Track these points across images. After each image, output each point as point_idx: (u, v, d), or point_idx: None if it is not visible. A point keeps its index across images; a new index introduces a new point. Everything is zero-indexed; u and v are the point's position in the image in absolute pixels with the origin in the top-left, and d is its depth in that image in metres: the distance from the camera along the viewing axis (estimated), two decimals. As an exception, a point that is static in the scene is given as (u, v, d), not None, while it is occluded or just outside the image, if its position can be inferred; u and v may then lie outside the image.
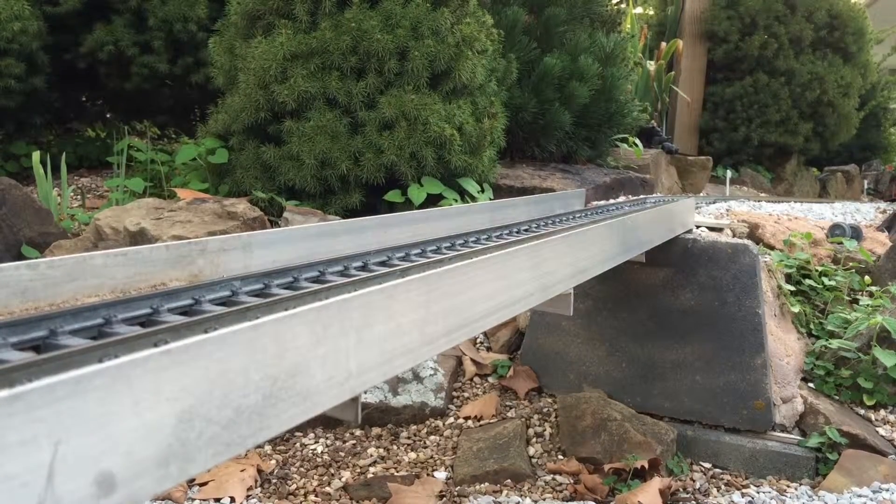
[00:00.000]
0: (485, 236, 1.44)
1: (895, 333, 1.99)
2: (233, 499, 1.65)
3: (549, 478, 1.80)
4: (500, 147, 3.13)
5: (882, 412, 2.05)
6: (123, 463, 0.47)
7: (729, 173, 5.92)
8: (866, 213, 4.01)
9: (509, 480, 1.77)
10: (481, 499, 1.68)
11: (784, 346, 2.08)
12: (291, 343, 0.62)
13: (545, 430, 1.97)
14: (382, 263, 1.12)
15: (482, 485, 1.76)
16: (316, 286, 0.93)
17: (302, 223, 2.30)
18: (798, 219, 3.09)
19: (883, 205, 4.90)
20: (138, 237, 2.12)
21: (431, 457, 1.87)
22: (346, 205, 2.66)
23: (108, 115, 4.50)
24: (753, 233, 2.66)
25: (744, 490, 1.79)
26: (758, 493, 1.77)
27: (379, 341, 0.74)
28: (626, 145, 4.55)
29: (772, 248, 2.57)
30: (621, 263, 1.55)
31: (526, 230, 1.59)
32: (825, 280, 2.41)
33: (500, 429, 1.91)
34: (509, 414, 2.05)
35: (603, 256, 1.42)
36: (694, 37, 6.98)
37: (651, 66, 6.44)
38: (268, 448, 1.89)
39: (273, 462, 1.82)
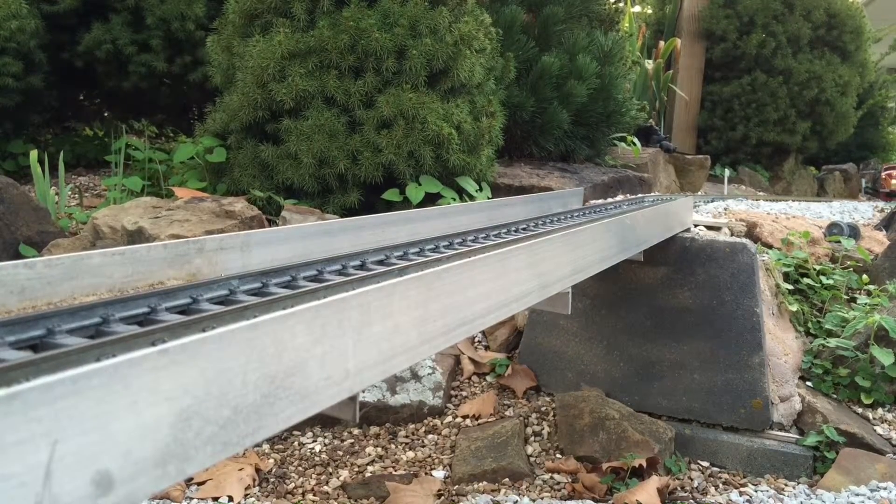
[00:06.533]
0: (483, 235, 1.44)
1: (893, 332, 1.99)
2: (231, 498, 1.65)
3: (547, 477, 1.80)
4: (498, 146, 3.13)
5: (880, 411, 2.05)
6: (121, 462, 0.47)
7: (727, 172, 5.92)
8: (864, 211, 4.02)
9: (507, 479, 1.77)
10: (479, 498, 1.68)
11: (782, 345, 2.09)
12: (289, 342, 0.62)
13: (543, 428, 1.97)
14: (380, 262, 1.12)
15: (480, 484, 1.76)
16: (314, 285, 0.93)
17: (300, 222, 2.30)
18: (796, 218, 3.09)
19: (881, 203, 4.90)
20: (136, 236, 2.12)
21: (429, 456, 1.87)
22: (344, 204, 2.66)
23: (105, 114, 4.49)
24: (751, 232, 2.67)
25: (742, 489, 1.79)
26: (756, 491, 1.77)
27: (377, 340, 0.74)
28: (624, 144, 4.55)
29: (770, 246, 2.57)
30: (619, 262, 1.55)
31: (524, 229, 1.59)
32: (823, 279, 2.41)
33: (498, 428, 1.91)
34: (507, 413, 2.05)
35: (601, 255, 1.42)
36: (692, 36, 6.99)
37: (649, 64, 6.44)
38: (266, 447, 1.89)
39: (271, 461, 1.82)
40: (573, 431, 1.89)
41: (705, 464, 1.91)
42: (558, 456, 1.88)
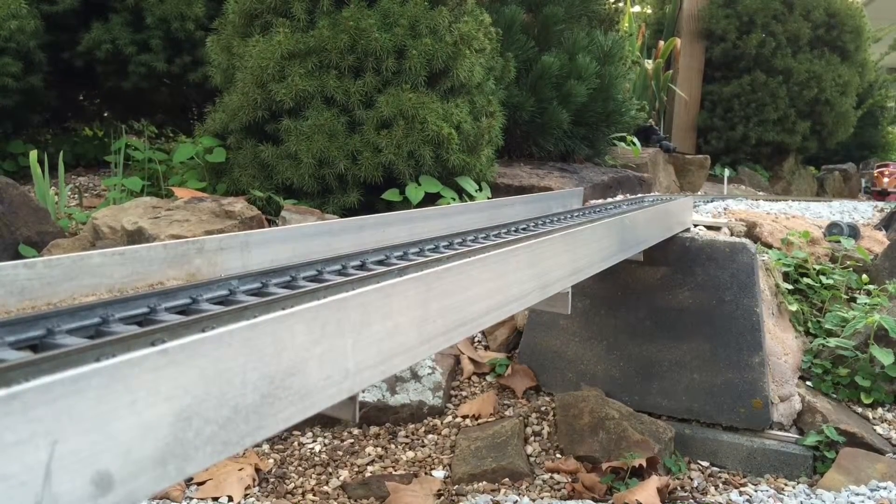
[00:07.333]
0: (483, 235, 1.44)
1: (892, 332, 1.99)
2: (231, 498, 1.65)
3: (546, 476, 1.80)
4: (497, 146, 3.13)
5: (879, 410, 2.05)
6: (121, 462, 0.47)
7: (727, 172, 5.92)
8: (864, 211, 4.02)
9: (507, 479, 1.78)
10: (479, 497, 1.68)
11: (782, 345, 2.09)
12: (289, 342, 0.62)
13: (543, 428, 1.97)
14: (380, 262, 1.12)
15: (480, 483, 1.76)
16: (314, 285, 0.93)
17: (299, 222, 2.30)
18: (796, 217, 3.09)
19: (880, 203, 4.90)
20: (136, 236, 2.12)
21: (429, 456, 1.87)
22: (343, 204, 2.66)
23: (105, 114, 4.49)
24: (751, 231, 2.67)
25: (741, 489, 1.79)
26: (755, 491, 1.77)
27: (377, 340, 0.74)
28: (624, 144, 4.55)
29: (769, 246, 2.57)
30: (619, 262, 1.55)
31: (524, 229, 1.59)
32: (823, 279, 2.41)
33: (497, 428, 1.91)
34: (507, 413, 2.05)
35: (601, 255, 1.42)
36: (692, 35, 6.99)
37: (649, 64, 6.44)
38: (266, 447, 1.89)
39: (271, 461, 1.82)
40: (573, 431, 1.89)
41: (705, 463, 1.91)
42: (558, 456, 1.88)
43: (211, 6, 3.63)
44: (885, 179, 6.71)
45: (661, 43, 6.53)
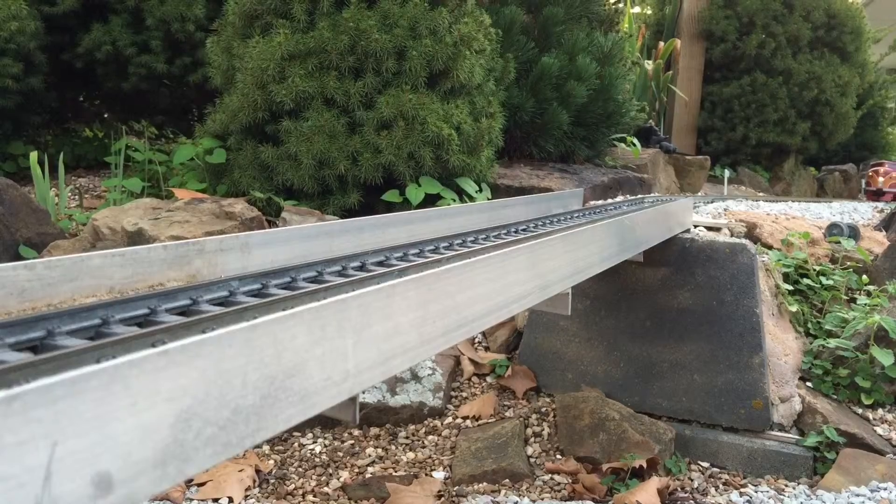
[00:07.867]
0: (483, 236, 1.44)
1: (893, 332, 1.99)
2: (231, 499, 1.65)
3: (547, 477, 1.80)
4: (498, 147, 3.13)
5: (880, 411, 2.05)
6: (121, 463, 0.47)
7: (727, 173, 5.93)
8: (864, 212, 4.01)
9: (507, 480, 1.77)
10: (479, 498, 1.68)
11: (782, 346, 2.09)
12: (289, 343, 0.62)
13: (543, 429, 1.97)
14: (380, 263, 1.12)
15: (480, 484, 1.76)
16: (314, 286, 0.93)
17: (300, 223, 2.30)
18: (796, 218, 3.09)
19: (880, 204, 4.89)
20: (136, 237, 2.12)
21: (430, 457, 1.87)
22: (343, 205, 2.66)
23: (105, 115, 4.49)
24: (751, 232, 2.67)
25: (742, 489, 1.79)
26: (756, 492, 1.77)
27: (377, 341, 0.74)
28: (624, 145, 4.56)
29: (769, 247, 2.57)
30: (619, 263, 1.55)
31: (524, 230, 1.59)
32: (823, 279, 2.41)
33: (498, 428, 1.91)
34: (507, 414, 2.05)
35: (601, 256, 1.42)
36: (692, 36, 7.00)
37: (649, 65, 6.45)
38: (266, 448, 1.89)
39: (271, 462, 1.82)
40: (573, 432, 1.89)
41: (705, 464, 1.91)
42: (558, 457, 1.88)
43: (211, 7, 3.63)
44: (881, 179, 6.66)
45: (661, 44, 6.53)
